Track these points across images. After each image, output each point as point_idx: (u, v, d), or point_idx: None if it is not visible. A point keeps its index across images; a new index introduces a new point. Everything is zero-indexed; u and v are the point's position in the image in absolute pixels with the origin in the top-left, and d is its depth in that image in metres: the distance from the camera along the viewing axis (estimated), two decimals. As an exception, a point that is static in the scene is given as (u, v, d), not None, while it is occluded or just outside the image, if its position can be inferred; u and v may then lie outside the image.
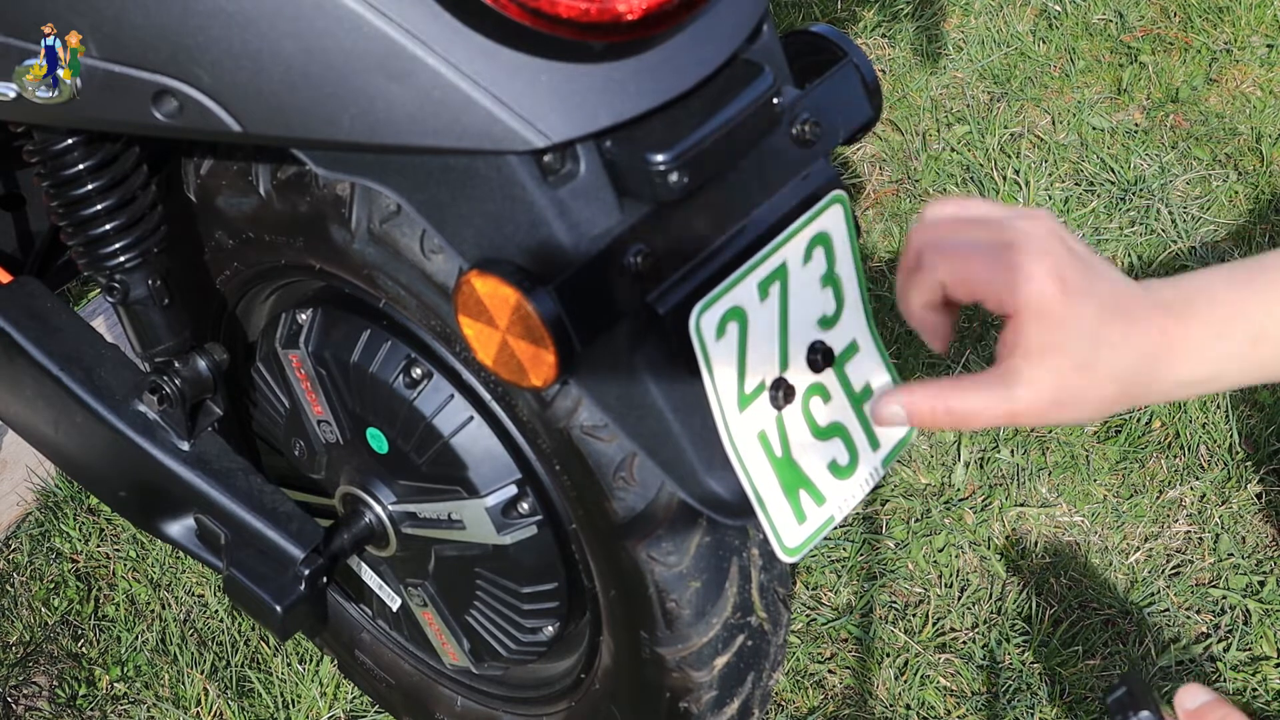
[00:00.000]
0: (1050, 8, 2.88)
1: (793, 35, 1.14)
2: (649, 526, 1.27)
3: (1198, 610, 1.92)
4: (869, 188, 2.56)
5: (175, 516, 1.46)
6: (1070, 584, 1.95)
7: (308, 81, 1.00)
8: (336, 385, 1.42)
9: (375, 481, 1.47)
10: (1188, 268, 2.36)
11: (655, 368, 1.04)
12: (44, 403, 1.45)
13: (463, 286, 0.99)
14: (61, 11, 1.09)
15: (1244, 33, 2.78)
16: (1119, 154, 2.56)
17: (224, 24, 1.01)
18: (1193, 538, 1.99)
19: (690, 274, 1.01)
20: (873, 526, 2.03)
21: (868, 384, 1.03)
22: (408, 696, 1.75)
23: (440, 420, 1.36)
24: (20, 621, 2.01)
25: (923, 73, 2.74)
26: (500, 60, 0.96)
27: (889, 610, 1.94)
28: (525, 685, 1.65)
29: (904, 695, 1.85)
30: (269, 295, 1.55)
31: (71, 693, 1.93)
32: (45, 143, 1.28)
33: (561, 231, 0.99)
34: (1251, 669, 1.85)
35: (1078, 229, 2.44)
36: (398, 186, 1.05)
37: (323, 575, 1.41)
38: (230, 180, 1.36)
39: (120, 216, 1.31)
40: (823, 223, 1.02)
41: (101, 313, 2.23)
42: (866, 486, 1.03)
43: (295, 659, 1.93)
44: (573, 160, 0.99)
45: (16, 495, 2.14)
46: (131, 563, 2.06)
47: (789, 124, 1.06)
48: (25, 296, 1.48)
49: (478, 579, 1.46)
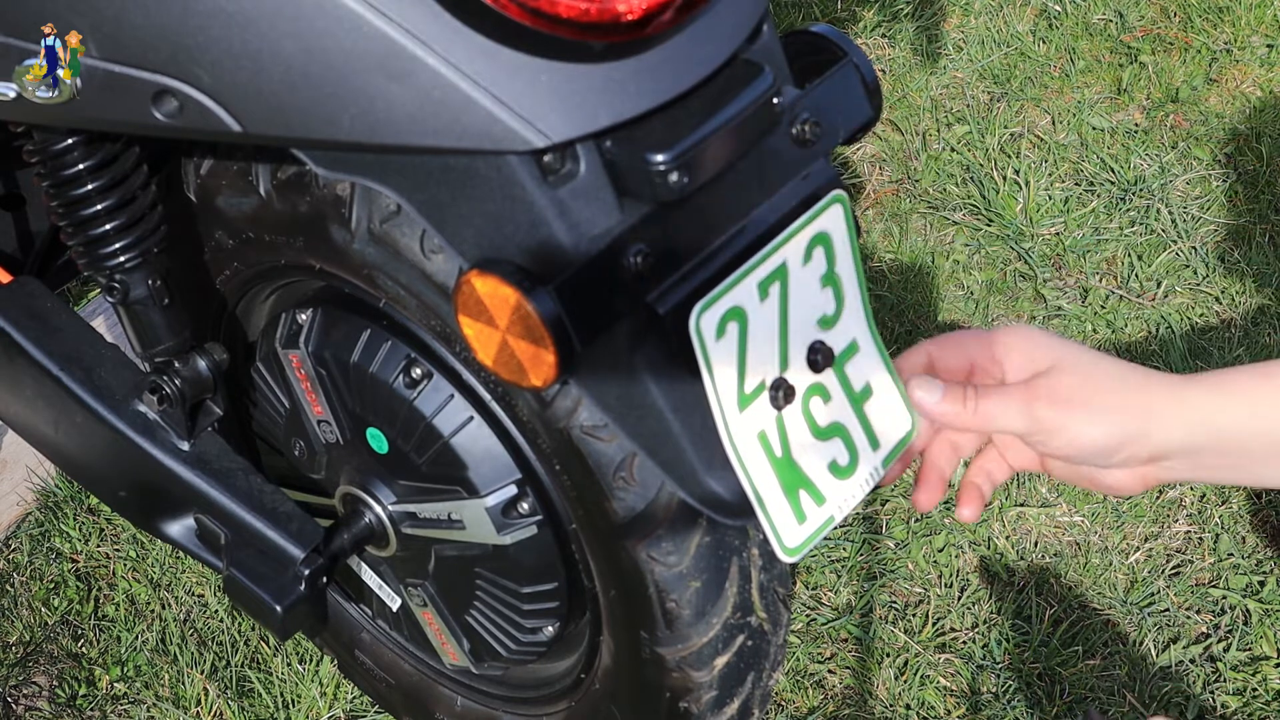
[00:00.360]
0: (1050, 8, 2.88)
1: (793, 35, 1.14)
2: (649, 526, 1.27)
3: (1198, 610, 1.92)
4: (869, 188, 2.56)
5: (175, 516, 1.46)
6: (1070, 584, 1.95)
7: (308, 81, 1.00)
8: (336, 385, 1.42)
9: (375, 481, 1.47)
10: (1188, 268, 2.36)
11: (655, 368, 1.04)
12: (44, 403, 1.45)
13: (463, 286, 0.99)
14: (61, 11, 1.09)
15: (1244, 33, 2.78)
16: (1119, 154, 2.56)
17: (224, 24, 1.01)
18: (1193, 538, 1.99)
19: (690, 274, 1.01)
20: (873, 526, 2.03)
21: (868, 384, 1.03)
22: (408, 696, 1.75)
23: (440, 420, 1.36)
24: (20, 621, 2.01)
25: (923, 73, 2.74)
26: (500, 60, 0.96)
27: (889, 610, 1.94)
28: (525, 685, 1.65)
29: (904, 695, 1.85)
30: (269, 295, 1.55)
31: (71, 693, 1.93)
32: (45, 143, 1.28)
33: (561, 231, 0.99)
34: (1251, 669, 1.85)
35: (1078, 229, 2.44)
36: (398, 186, 1.05)
37: (323, 575, 1.41)
38: (230, 180, 1.36)
39: (120, 216, 1.31)
40: (823, 223, 1.02)
41: (101, 313, 2.23)
42: (867, 486, 1.03)
43: (295, 659, 1.93)
44: (573, 160, 0.99)
45: (16, 495, 2.14)
46: (131, 563, 2.06)
47: (789, 124, 1.06)
48: (25, 296, 1.48)
49: (478, 579, 1.47)
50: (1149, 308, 2.30)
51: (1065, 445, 0.90)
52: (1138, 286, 2.34)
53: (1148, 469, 0.91)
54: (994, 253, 2.41)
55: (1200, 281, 2.34)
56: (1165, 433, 0.88)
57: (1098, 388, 0.89)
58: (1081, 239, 2.42)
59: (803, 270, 1.01)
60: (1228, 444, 0.88)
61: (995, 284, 2.36)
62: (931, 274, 2.38)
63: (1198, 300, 2.31)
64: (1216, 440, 0.88)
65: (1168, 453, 0.89)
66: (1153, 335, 2.26)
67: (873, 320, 1.05)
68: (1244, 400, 0.88)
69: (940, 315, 2.32)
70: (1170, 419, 0.87)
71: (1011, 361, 0.93)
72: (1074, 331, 2.27)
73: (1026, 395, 0.90)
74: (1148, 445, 0.88)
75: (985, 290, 2.35)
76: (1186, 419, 0.88)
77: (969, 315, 2.30)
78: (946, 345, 0.95)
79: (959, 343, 0.95)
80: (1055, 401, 0.89)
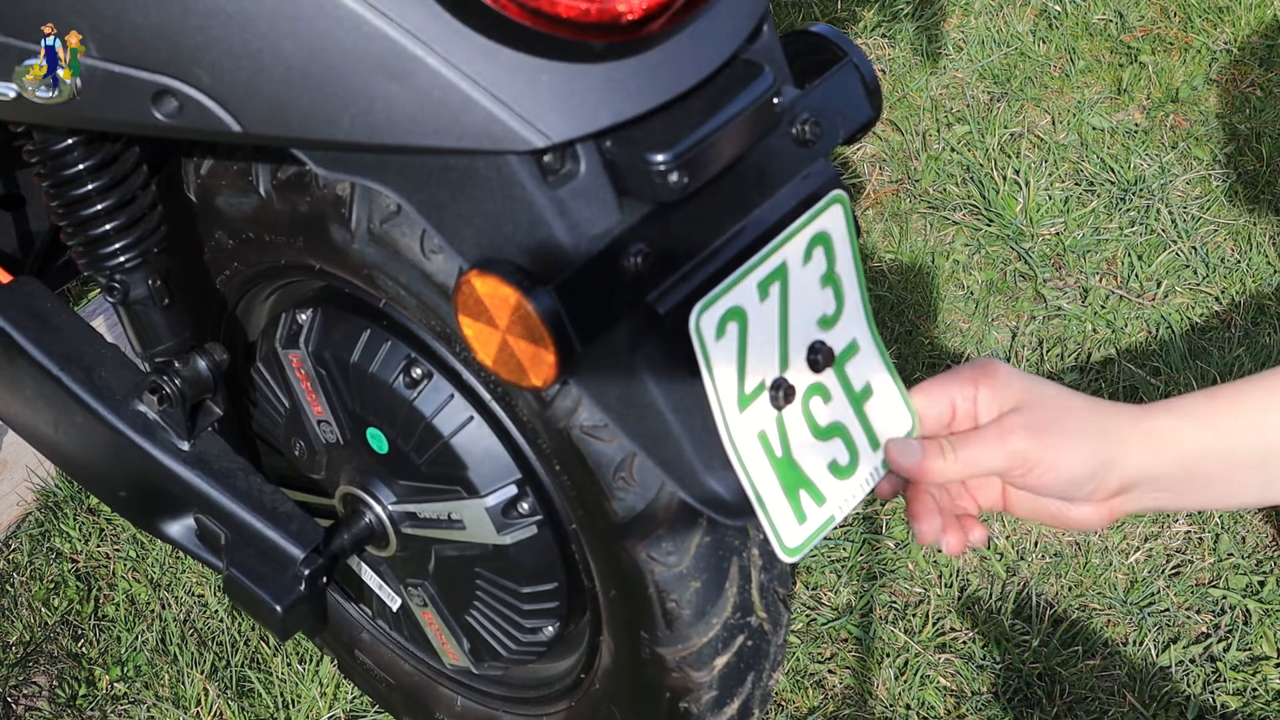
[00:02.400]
0: (1050, 8, 2.88)
1: (793, 35, 1.14)
2: (649, 526, 1.27)
3: (1198, 610, 1.92)
4: (869, 188, 2.56)
5: (175, 516, 1.46)
6: (1070, 584, 1.95)
7: (308, 81, 1.00)
8: (336, 385, 1.43)
9: (375, 481, 1.47)
10: (1188, 268, 2.36)
11: (655, 368, 1.04)
12: (44, 403, 1.45)
13: (462, 286, 0.99)
14: (61, 11, 1.09)
15: (1244, 33, 2.78)
16: (1119, 154, 2.56)
17: (224, 24, 1.01)
18: (1193, 538, 1.99)
19: (690, 274, 1.01)
20: (873, 526, 2.03)
21: (868, 384, 1.03)
22: (408, 696, 1.75)
23: (440, 420, 1.36)
24: (20, 621, 2.01)
25: (923, 73, 2.75)
26: (500, 60, 0.96)
27: (889, 610, 1.94)
28: (525, 685, 1.65)
29: (904, 695, 1.85)
30: (269, 295, 1.55)
31: (71, 693, 1.93)
32: (45, 143, 1.28)
33: (561, 231, 0.99)
34: (1251, 669, 1.85)
35: (1078, 229, 2.44)
36: (398, 186, 1.05)
37: (323, 575, 1.41)
38: (230, 180, 1.36)
39: (120, 216, 1.31)
40: (823, 223, 1.02)
41: (101, 313, 2.23)
42: (867, 486, 1.03)
43: (295, 659, 1.93)
44: (573, 160, 0.99)
45: (16, 495, 2.14)
46: (131, 563, 2.06)
47: (789, 124, 1.06)
48: (25, 296, 1.48)
49: (478, 579, 1.47)
50: (1149, 308, 2.30)
51: (1044, 476, 0.91)
52: (1138, 286, 2.34)
53: (1114, 500, 0.92)
54: (994, 253, 2.41)
55: (1200, 281, 2.34)
56: (1134, 460, 0.89)
57: (1070, 418, 0.90)
58: (1081, 239, 2.42)
59: (803, 270, 1.01)
60: (1191, 467, 0.90)
61: (995, 284, 2.36)
62: (931, 274, 2.38)
63: (1198, 300, 2.31)
64: (1179, 465, 0.90)
65: (1135, 481, 0.90)
66: (1153, 335, 2.26)
67: (873, 320, 1.05)
68: (1202, 423, 0.89)
69: (940, 315, 2.32)
70: (1137, 446, 0.89)
71: (981, 399, 0.94)
72: (1074, 331, 2.27)
73: (1001, 432, 0.91)
74: (1117, 473, 0.90)
75: (985, 290, 2.35)
76: (1152, 446, 0.89)
77: (969, 315, 2.30)
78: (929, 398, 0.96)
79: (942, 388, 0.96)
80: (1032, 434, 0.90)
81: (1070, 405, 0.91)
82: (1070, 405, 0.91)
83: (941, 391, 0.95)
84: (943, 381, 0.95)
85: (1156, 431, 0.89)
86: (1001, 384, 0.93)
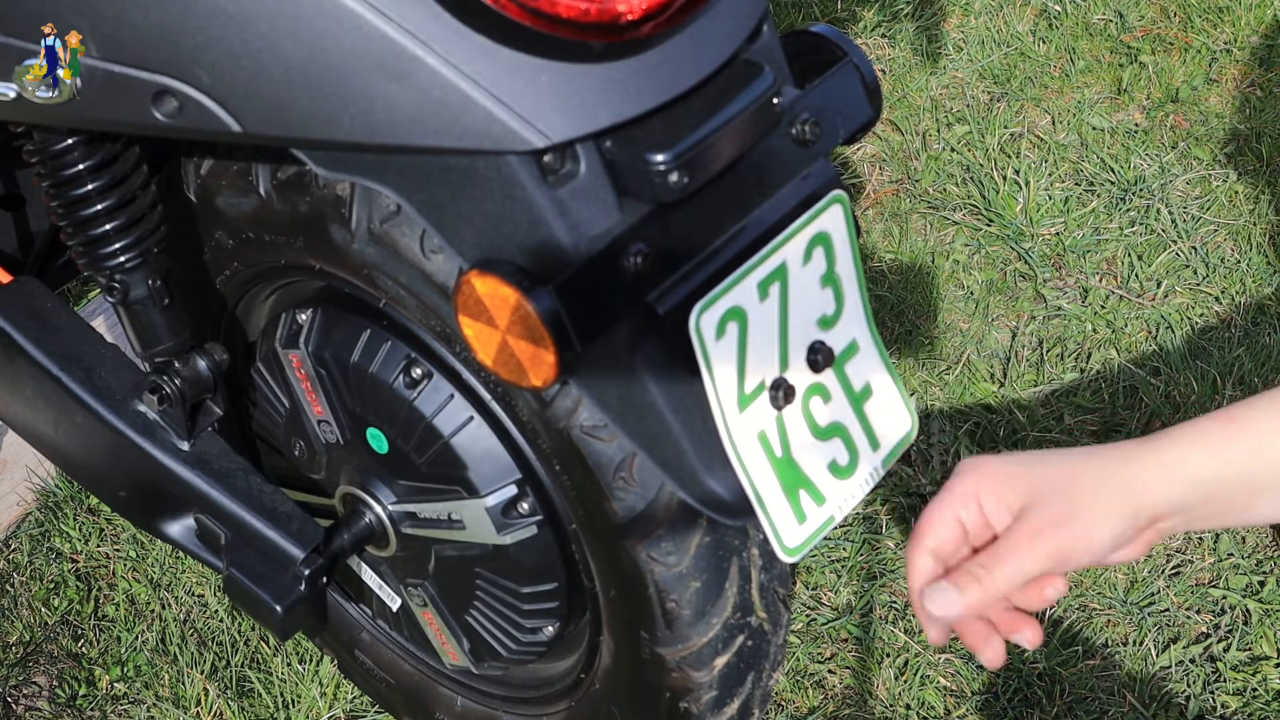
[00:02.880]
0: (1050, 8, 2.88)
1: (793, 35, 1.14)
2: (649, 526, 1.27)
3: (1198, 610, 1.92)
4: (869, 188, 2.56)
5: (175, 516, 1.46)
6: (1070, 584, 1.95)
7: (308, 81, 1.00)
8: (336, 385, 1.42)
9: (375, 481, 1.47)
10: (1188, 268, 2.36)
11: (655, 368, 1.04)
12: (44, 403, 1.45)
13: (462, 286, 0.99)
14: (61, 11, 1.09)
15: (1244, 33, 2.78)
16: (1119, 154, 2.56)
17: (224, 24, 1.01)
18: (1193, 537, 1.99)
19: (690, 274, 1.01)
20: (873, 526, 2.03)
21: (868, 384, 1.03)
22: (408, 696, 1.75)
23: (440, 420, 1.36)
24: (20, 621, 2.01)
25: (923, 73, 2.74)
26: (500, 60, 0.96)
27: (889, 610, 1.94)
28: (525, 685, 1.65)
29: (904, 695, 1.85)
30: (269, 295, 1.55)
31: (71, 693, 1.93)
32: (45, 143, 1.28)
33: (561, 231, 0.99)
34: (1251, 669, 1.85)
35: (1078, 229, 2.44)
36: (398, 186, 1.06)
37: (323, 575, 1.41)
38: (230, 180, 1.36)
39: (120, 216, 1.31)
40: (822, 223, 1.02)
41: (101, 313, 2.23)
42: (866, 486, 1.04)
43: (295, 659, 1.93)
44: (573, 160, 0.99)
45: (16, 495, 2.14)
46: (131, 563, 2.06)
47: (789, 124, 1.06)
48: (25, 296, 1.48)
49: (478, 579, 1.46)
50: (1149, 308, 2.30)
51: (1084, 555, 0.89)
52: (1138, 286, 2.34)
53: (1148, 534, 0.91)
54: (994, 253, 2.41)
55: (1200, 281, 2.34)
56: (1156, 498, 0.88)
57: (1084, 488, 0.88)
58: (1081, 239, 2.42)
59: (803, 270, 1.01)
60: (1213, 493, 0.89)
61: (995, 284, 2.36)
62: (931, 274, 2.38)
63: (1198, 300, 2.31)
64: (1202, 493, 0.89)
65: (1162, 515, 0.90)
66: (1153, 335, 2.26)
67: (873, 320, 1.05)
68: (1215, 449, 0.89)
69: (940, 315, 2.32)
70: (1157, 487, 0.88)
71: (986, 505, 0.91)
72: (1074, 331, 2.27)
73: (1030, 536, 0.88)
74: (1145, 515, 0.89)
75: (985, 290, 2.35)
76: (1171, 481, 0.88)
77: (969, 315, 2.30)
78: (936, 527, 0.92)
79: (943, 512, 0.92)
80: (1060, 526, 0.87)
81: (1078, 473, 0.89)
82: (1078, 473, 0.89)
83: (943, 515, 0.91)
84: (940, 506, 0.91)
85: (1170, 466, 0.88)
86: (1000, 482, 0.90)
